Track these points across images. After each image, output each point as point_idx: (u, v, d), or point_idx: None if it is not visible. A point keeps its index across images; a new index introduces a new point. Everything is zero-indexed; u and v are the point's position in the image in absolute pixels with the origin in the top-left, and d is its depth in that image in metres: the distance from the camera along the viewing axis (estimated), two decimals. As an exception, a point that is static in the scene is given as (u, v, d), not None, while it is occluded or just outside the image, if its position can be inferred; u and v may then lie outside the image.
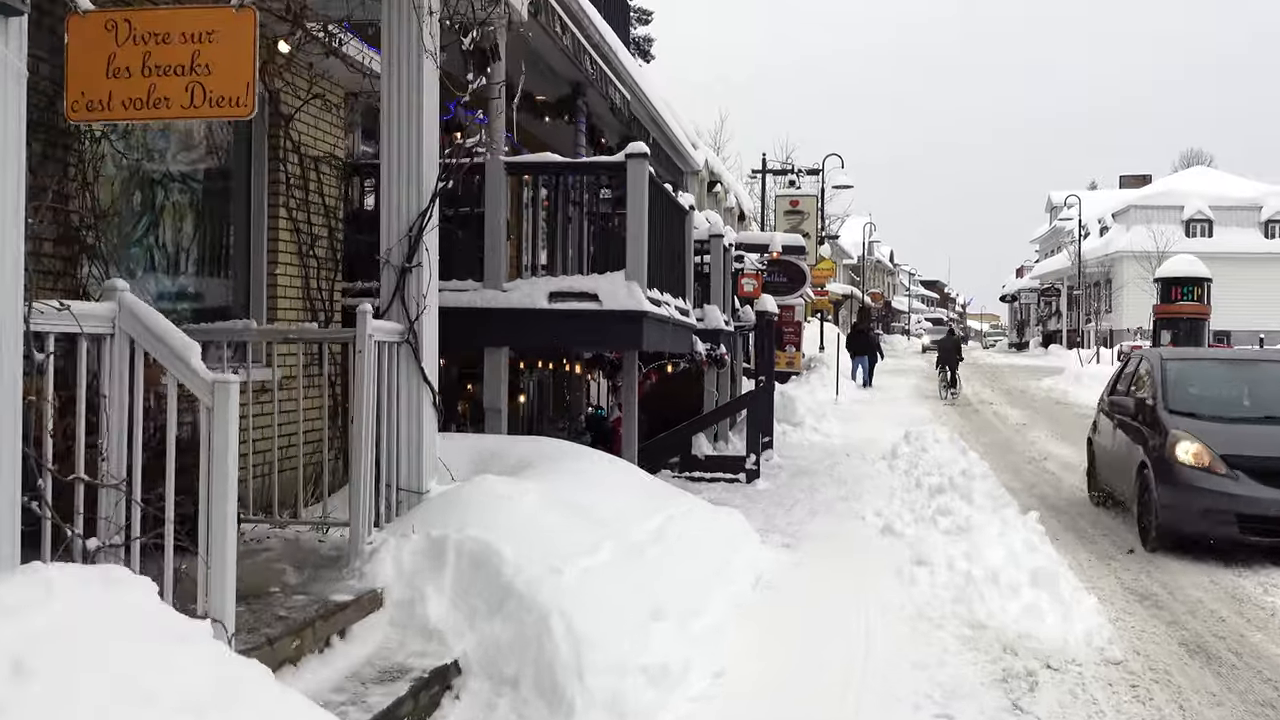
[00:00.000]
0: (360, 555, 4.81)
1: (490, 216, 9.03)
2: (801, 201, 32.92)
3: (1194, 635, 6.72)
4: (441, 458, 6.93)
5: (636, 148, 9.04)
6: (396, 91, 5.35)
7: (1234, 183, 57.98)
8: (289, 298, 7.86)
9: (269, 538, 5.55)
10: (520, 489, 5.42)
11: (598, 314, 8.84)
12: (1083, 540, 9.83)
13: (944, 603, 6.88)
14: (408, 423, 5.37)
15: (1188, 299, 28.78)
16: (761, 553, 7.96)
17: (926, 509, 10.05)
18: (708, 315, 13.85)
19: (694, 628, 5.58)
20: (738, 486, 12.09)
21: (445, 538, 4.85)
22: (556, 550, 5.05)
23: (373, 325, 4.87)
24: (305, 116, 7.92)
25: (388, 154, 5.38)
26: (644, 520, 6.49)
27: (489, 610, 4.66)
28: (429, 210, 5.35)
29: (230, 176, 7.61)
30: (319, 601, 4.37)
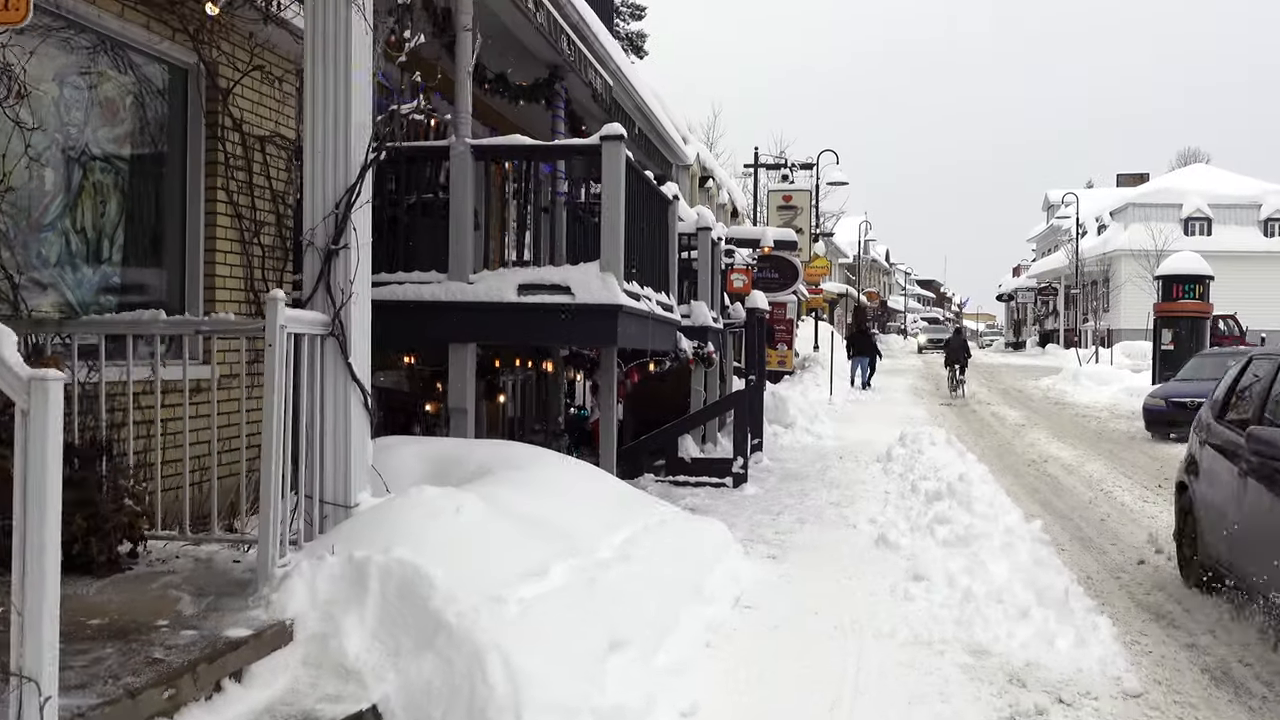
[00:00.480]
0: (269, 580, 4.16)
1: (455, 203, 8.38)
2: (795, 197, 32.24)
3: (1218, 661, 6.08)
4: (398, 465, 6.31)
5: (612, 129, 8.40)
6: (320, 49, 4.70)
7: (1233, 180, 57.38)
8: (229, 289, 7.21)
9: (178, 557, 4.90)
10: (463, 502, 4.76)
11: (570, 308, 8.21)
12: (1089, 549, 9.21)
13: (944, 625, 6.22)
14: (334, 427, 4.72)
15: (1189, 297, 28.08)
16: (743, 567, 7.31)
17: (923, 517, 9.42)
18: (695, 311, 13.24)
19: (660, 659, 4.94)
20: (724, 491, 11.46)
21: (368, 560, 4.20)
22: (500, 574, 4.40)
23: (286, 315, 4.21)
24: (248, 92, 7.26)
25: (311, 121, 4.73)
26: (610, 534, 5.85)
27: (416, 645, 4.01)
28: (358, 185, 4.69)
29: (163, 156, 6.96)
30: (209, 638, 3.71)
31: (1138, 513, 11.05)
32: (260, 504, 4.19)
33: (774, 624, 6.21)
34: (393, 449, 6.56)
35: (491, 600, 4.16)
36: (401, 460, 6.24)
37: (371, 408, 4.88)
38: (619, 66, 13.71)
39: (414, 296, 8.35)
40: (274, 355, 4.12)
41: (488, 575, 4.33)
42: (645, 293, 9.35)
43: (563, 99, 11.80)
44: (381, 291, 8.40)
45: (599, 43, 12.50)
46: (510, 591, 4.29)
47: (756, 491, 11.49)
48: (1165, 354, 28.06)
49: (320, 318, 4.64)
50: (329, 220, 4.68)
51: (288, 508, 4.33)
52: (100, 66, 6.38)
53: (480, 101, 12.02)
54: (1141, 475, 13.85)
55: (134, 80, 6.64)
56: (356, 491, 4.76)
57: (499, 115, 13.14)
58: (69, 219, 6.17)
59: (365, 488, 4.86)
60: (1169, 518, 10.66)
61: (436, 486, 5.07)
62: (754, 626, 6.14)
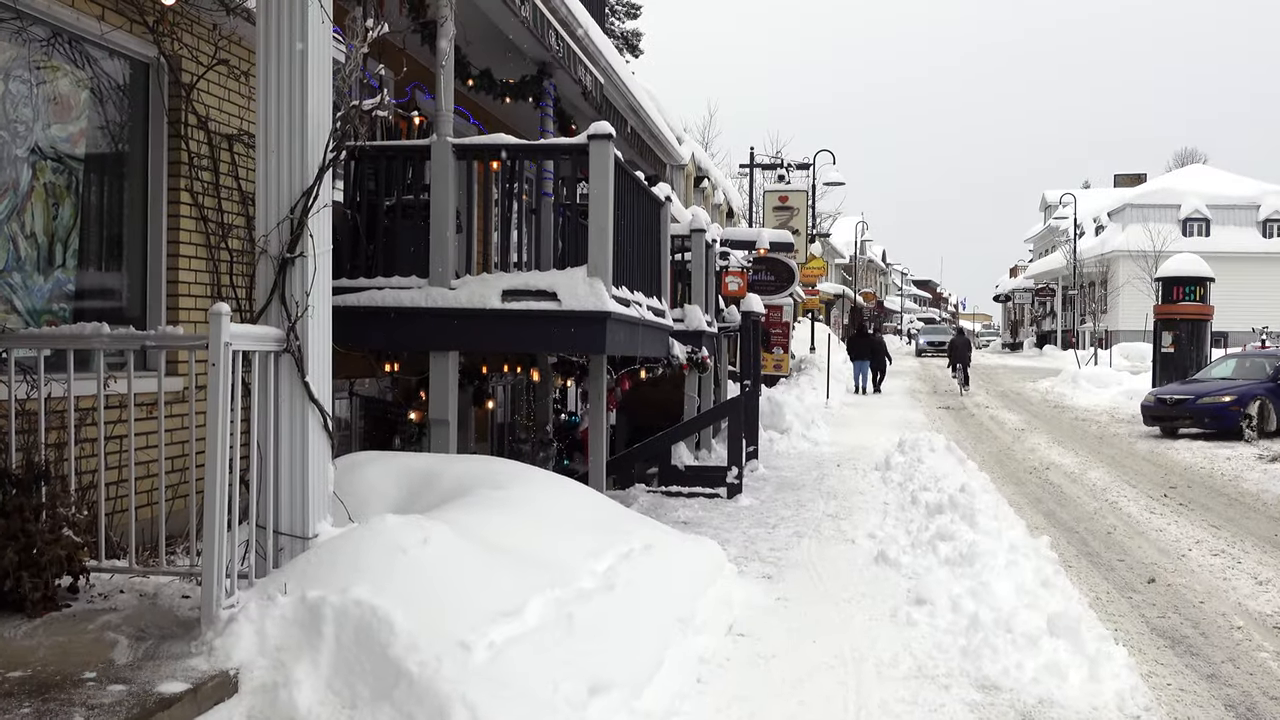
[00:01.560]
0: (213, 624, 3.77)
1: (436, 205, 8.00)
2: (791, 197, 31.83)
3: (1242, 694, 5.71)
4: (367, 486, 5.94)
5: (600, 128, 8.02)
6: (274, 38, 4.32)
7: (1231, 181, 57.09)
8: (194, 296, 6.84)
9: (122, 592, 4.51)
10: (430, 533, 4.37)
11: (556, 314, 7.84)
12: (1098, 566, 8.85)
13: (949, 655, 5.85)
14: (290, 452, 4.33)
15: (1190, 299, 27.72)
16: (737, 590, 6.93)
17: (924, 531, 9.05)
18: (688, 316, 12.88)
19: (646, 700, 4.56)
20: (718, 502, 11.09)
21: (323, 601, 3.81)
22: (469, 614, 4.02)
23: (232, 331, 3.83)
24: (213, 87, 6.88)
25: (264, 117, 4.34)
26: (593, 560, 5.46)
27: (374, 697, 3.63)
28: (315, 188, 4.30)
29: (122, 155, 6.57)
30: (139, 695, 3.33)
31: (1145, 525, 10.69)
32: (204, 539, 3.80)
33: (769, 654, 5.83)
34: (364, 466, 6.19)
35: (458, 646, 3.78)
36: (371, 480, 5.87)
37: (332, 430, 4.49)
38: (610, 64, 13.33)
39: (393, 303, 7.97)
40: (219, 375, 3.74)
41: (455, 616, 3.94)
42: (635, 298, 8.97)
43: (551, 97, 11.40)
44: (360, 297, 8.06)
45: (589, 39, 12.12)
46: (479, 635, 3.91)
47: (752, 502, 11.12)
48: (1165, 356, 27.73)
49: (273, 333, 4.25)
50: (283, 226, 4.29)
51: (235, 542, 3.94)
52: (54, 60, 5.99)
53: (466, 99, 11.64)
54: (1146, 484, 13.50)
55: (90, 75, 6.25)
56: (315, 521, 4.37)
57: (486, 113, 12.76)
58: (17, 222, 5.78)
59: (325, 517, 4.47)
60: (1177, 530, 10.35)
61: (404, 513, 4.69)
62: (748, 657, 5.77)
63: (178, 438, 6.29)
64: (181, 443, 6.29)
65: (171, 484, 5.78)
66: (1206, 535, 10.13)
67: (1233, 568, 8.75)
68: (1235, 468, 14.85)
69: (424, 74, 9.80)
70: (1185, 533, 10.27)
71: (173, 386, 6.34)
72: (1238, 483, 13.51)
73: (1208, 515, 11.22)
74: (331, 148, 4.36)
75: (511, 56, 10.59)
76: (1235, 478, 13.93)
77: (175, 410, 6.37)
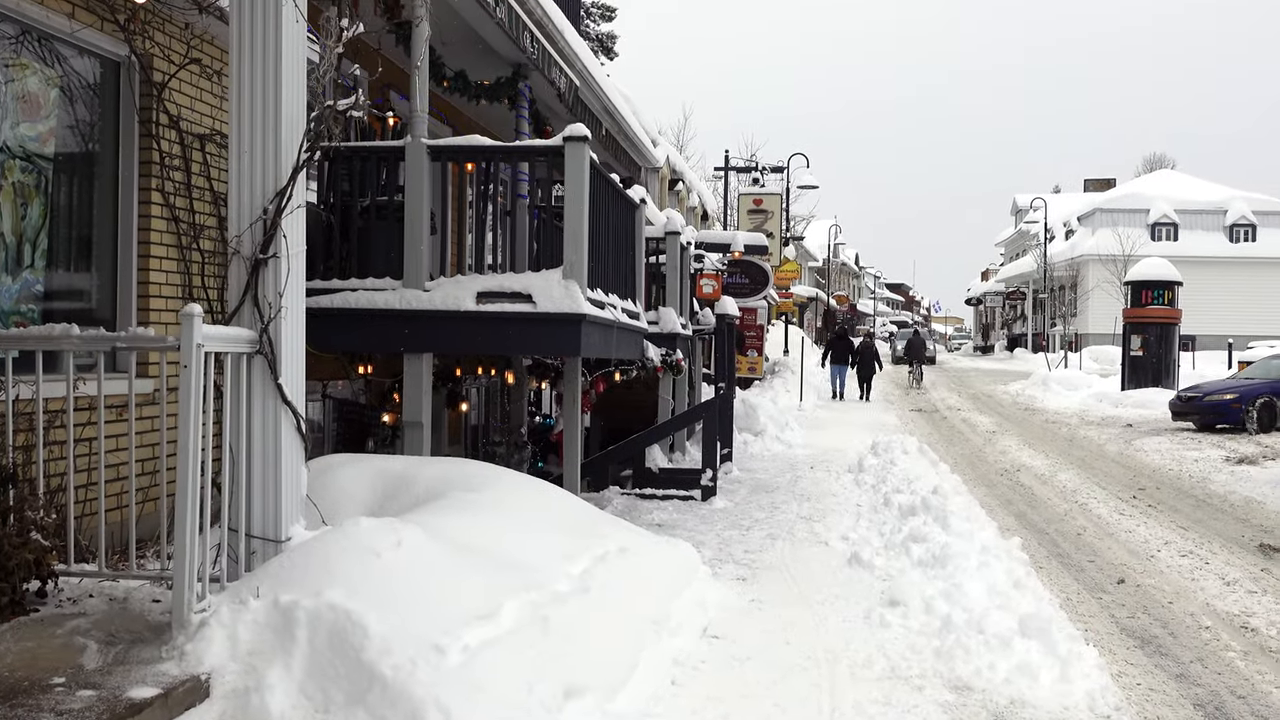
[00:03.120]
0: (185, 628, 3.74)
1: (411, 206, 7.97)
2: (765, 200, 31.92)
3: (1210, 693, 5.77)
4: (340, 489, 5.90)
5: (575, 130, 8.01)
6: (247, 37, 4.29)
7: (1199, 186, 57.74)
8: (165, 297, 6.78)
9: (91, 596, 4.46)
10: (404, 536, 4.35)
11: (531, 317, 7.82)
12: (1068, 567, 8.92)
13: (922, 656, 5.88)
14: (263, 454, 4.30)
15: (1158, 303, 28.05)
16: (711, 592, 6.94)
17: (897, 533, 9.10)
18: (662, 318, 12.87)
19: (621, 703, 4.56)
20: (693, 505, 11.09)
21: (296, 605, 3.79)
22: (443, 617, 4.00)
23: (204, 332, 3.80)
24: (185, 87, 6.83)
25: (237, 117, 4.31)
26: (568, 563, 5.46)
27: (347, 701, 3.61)
28: (289, 188, 4.28)
29: (93, 155, 6.52)
30: (109, 701, 3.29)
31: (1114, 526, 10.79)
32: (175, 543, 3.77)
33: (744, 656, 5.84)
34: (337, 469, 6.16)
35: (432, 649, 3.77)
36: (345, 483, 5.83)
37: (305, 432, 4.46)
38: (585, 66, 13.32)
39: (367, 304, 7.93)
40: (190, 376, 3.71)
41: (429, 620, 3.93)
42: (610, 300, 8.97)
43: (526, 99, 11.38)
44: (334, 299, 8.01)
45: (564, 41, 12.11)
46: (453, 638, 3.89)
47: (726, 505, 11.13)
48: (1135, 359, 28.05)
49: (245, 334, 4.22)
50: (256, 226, 4.26)
51: (207, 545, 3.91)
52: (22, 58, 5.93)
53: (441, 100, 11.61)
54: (1115, 486, 13.63)
55: (60, 73, 6.20)
56: (288, 524, 4.34)
57: (460, 115, 12.73)
58: (-16, 222, 5.71)
59: (298, 520, 4.44)
60: (1146, 531, 10.45)
61: (378, 516, 4.66)
62: (722, 659, 5.77)
63: (148, 440, 6.24)
64: (152, 445, 6.24)
65: (142, 487, 5.73)
66: (1175, 536, 10.24)
67: (1200, 568, 8.85)
68: (1203, 469, 15.01)
69: (398, 75, 9.77)
70: (1154, 534, 10.37)
71: (143, 388, 6.29)
72: (1205, 484, 13.65)
73: (1176, 516, 11.34)
74: (306, 148, 4.33)
75: (486, 58, 10.57)
76: (1203, 479, 14.07)
77: (146, 412, 6.31)
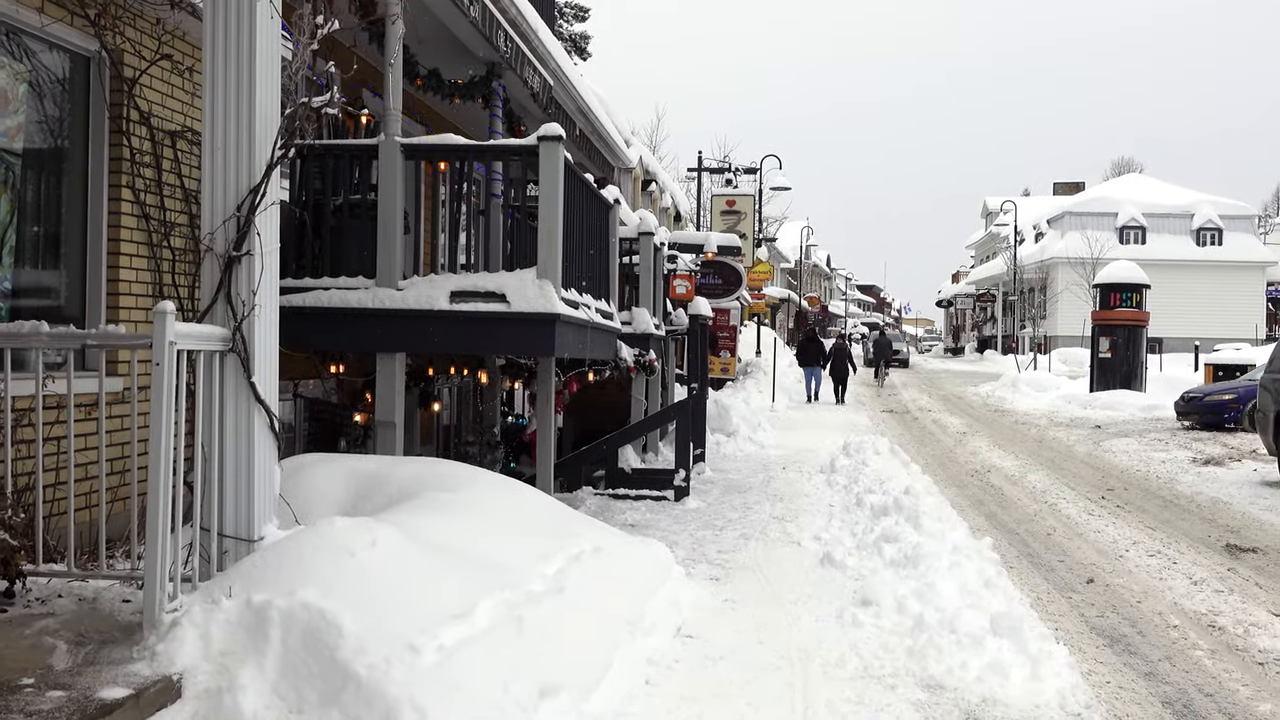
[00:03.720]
0: (156, 628, 3.71)
1: (384, 205, 7.93)
2: (738, 201, 31.99)
3: (1178, 691, 5.84)
4: (313, 488, 5.87)
5: (550, 129, 8.00)
6: (220, 33, 4.25)
7: (1166, 190, 58.39)
8: (135, 295, 6.72)
9: (60, 596, 4.41)
10: (378, 535, 4.33)
11: (505, 316, 7.81)
12: (1038, 567, 8.99)
13: (895, 655, 5.91)
14: (236, 453, 4.27)
15: (1127, 305, 28.35)
16: (685, 591, 6.95)
17: (869, 533, 9.14)
18: (636, 319, 12.88)
19: (596, 702, 4.56)
20: (666, 505, 11.11)
21: (269, 604, 3.76)
22: (418, 617, 3.99)
23: (177, 330, 3.77)
24: (156, 83, 6.77)
25: (211, 113, 4.28)
26: (543, 563, 5.45)
27: (321, 701, 3.59)
28: (263, 185, 4.25)
29: (62, 151, 6.44)
30: (79, 701, 3.26)
31: (1083, 526, 10.89)
32: (146, 541, 3.73)
33: (717, 655, 5.85)
34: (310, 468, 6.12)
35: (407, 648, 3.75)
36: (318, 482, 5.80)
37: (279, 431, 4.43)
38: (560, 66, 13.31)
39: (339, 303, 7.90)
40: (162, 374, 3.67)
41: (404, 619, 3.91)
42: (584, 300, 8.97)
43: (500, 98, 11.35)
44: (306, 298, 7.96)
45: (538, 40, 12.10)
46: (428, 638, 3.88)
47: (699, 505, 11.15)
48: (1103, 361, 28.32)
49: (219, 332, 4.19)
50: (230, 223, 4.23)
51: (179, 544, 3.88)
52: (-11, 53, 5.86)
53: (415, 99, 11.56)
54: (1084, 486, 13.75)
55: (29, 68, 6.13)
56: (261, 524, 4.31)
57: (434, 114, 12.68)
58: (-49, 218, 5.65)
59: (271, 519, 4.41)
60: (1115, 532, 10.56)
61: (351, 516, 4.64)
62: (696, 658, 5.78)
63: (118, 439, 6.18)
64: (122, 445, 6.18)
65: (112, 487, 5.67)
66: (1143, 536, 10.34)
67: (1168, 568, 8.94)
68: (1170, 470, 15.18)
69: (372, 73, 9.72)
70: (1123, 534, 10.48)
71: (113, 387, 6.22)
72: (1172, 485, 13.80)
73: (1144, 517, 11.45)
74: (280, 145, 4.31)
75: (460, 57, 10.54)
76: (1170, 480, 14.23)
77: (116, 411, 6.25)
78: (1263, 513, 11.60)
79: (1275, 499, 12.49)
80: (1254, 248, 55.20)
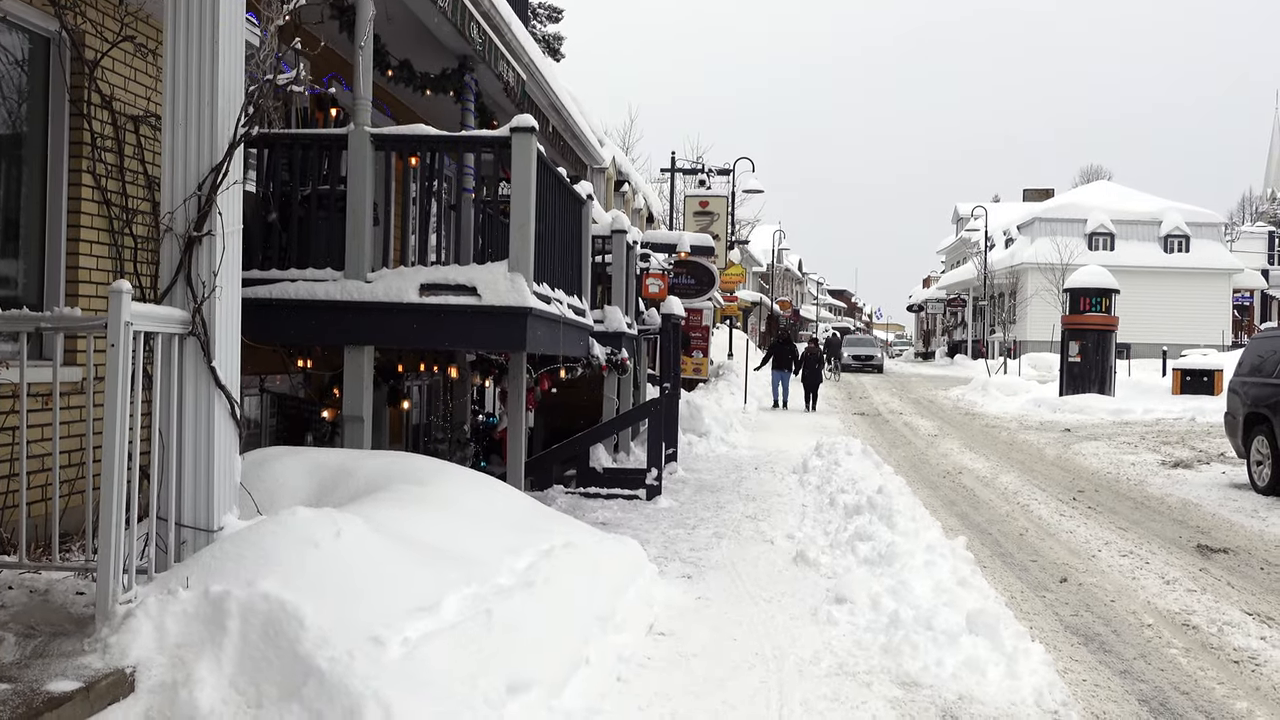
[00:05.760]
0: (109, 620, 3.56)
1: (353, 196, 7.78)
2: (711, 202, 31.93)
3: (1154, 689, 5.79)
4: (278, 480, 5.72)
5: (523, 120, 7.88)
6: (184, 4, 4.10)
7: (1135, 197, 58.89)
8: (95, 282, 6.54)
9: (11, 588, 4.25)
10: (343, 525, 4.20)
11: (476, 310, 7.68)
12: (1011, 566, 8.94)
13: (870, 653, 5.83)
14: (195, 440, 4.12)
15: (1096, 310, 28.51)
16: (658, 589, 6.84)
17: (843, 532, 9.08)
18: (608, 317, 12.77)
19: (566, 699, 4.44)
20: (637, 504, 11.00)
21: (227, 595, 3.62)
22: (383, 609, 3.86)
23: (133, 310, 3.62)
24: (119, 66, 6.60)
25: (171, 88, 4.13)
26: (513, 557, 5.33)
27: (281, 695, 3.45)
28: (225, 164, 4.11)
29: (19, 134, 6.26)
30: (25, 694, 3.11)
31: (1055, 527, 10.87)
32: (100, 530, 3.58)
33: (691, 653, 5.75)
34: (274, 461, 5.97)
35: (371, 641, 3.62)
36: (282, 474, 5.66)
37: (240, 418, 4.29)
38: (533, 60, 13.19)
39: (307, 295, 7.74)
40: (117, 356, 3.53)
41: (369, 612, 3.78)
42: (557, 295, 8.85)
43: (473, 91, 11.22)
44: (273, 289, 7.80)
45: (511, 34, 11.97)
46: (394, 631, 3.75)
47: (671, 504, 11.05)
48: (1072, 365, 28.47)
49: (178, 314, 4.04)
50: (190, 203, 4.09)
51: (135, 534, 3.73)
52: (-56, 31, 5.69)
53: (385, 93, 11.41)
54: (1055, 488, 13.76)
55: (-15, 48, 5.95)
56: (220, 514, 4.17)
57: (404, 108, 12.52)
58: (-98, 200, 5.46)
59: (232, 509, 4.27)
60: (1087, 532, 10.55)
61: (319, 506, 4.50)
62: (669, 656, 5.68)
63: (75, 431, 6.01)
64: (79, 436, 6.01)
65: (67, 479, 5.51)
66: (1115, 537, 10.33)
67: (1141, 568, 8.92)
68: (1140, 473, 15.22)
69: (341, 65, 9.57)
70: (1094, 534, 10.47)
71: (70, 377, 6.05)
72: (1143, 487, 13.83)
73: (1115, 518, 11.45)
74: (243, 122, 4.16)
75: (432, 49, 10.40)
76: (1140, 482, 14.26)
77: (73, 402, 6.08)
78: (1233, 514, 11.63)
79: (1244, 501, 12.54)
80: (1220, 255, 55.76)
